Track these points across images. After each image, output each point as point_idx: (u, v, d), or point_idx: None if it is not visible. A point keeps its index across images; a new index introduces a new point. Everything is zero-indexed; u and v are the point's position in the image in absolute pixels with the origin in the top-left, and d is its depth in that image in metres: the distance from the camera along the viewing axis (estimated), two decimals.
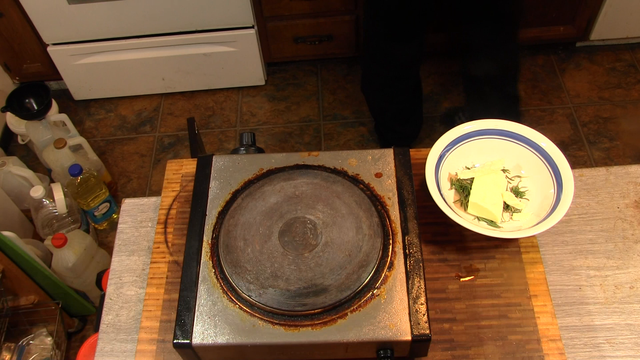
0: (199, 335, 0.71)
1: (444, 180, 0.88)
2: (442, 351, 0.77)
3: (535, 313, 0.79)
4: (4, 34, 2.11)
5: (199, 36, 2.13)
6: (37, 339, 1.63)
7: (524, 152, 0.89)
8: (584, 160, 2.04)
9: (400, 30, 1.60)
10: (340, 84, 2.36)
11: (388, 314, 0.71)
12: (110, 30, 2.10)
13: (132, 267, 0.92)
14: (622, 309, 0.84)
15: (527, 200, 0.87)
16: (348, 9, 2.11)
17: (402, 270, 0.74)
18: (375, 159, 0.86)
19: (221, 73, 2.29)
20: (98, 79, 2.29)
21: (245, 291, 0.73)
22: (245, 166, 0.87)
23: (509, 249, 0.85)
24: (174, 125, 2.29)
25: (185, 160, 0.97)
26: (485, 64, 1.71)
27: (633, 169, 0.98)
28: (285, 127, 2.25)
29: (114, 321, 0.87)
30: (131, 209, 0.98)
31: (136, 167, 2.19)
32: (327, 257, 0.76)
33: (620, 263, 0.88)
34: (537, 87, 2.25)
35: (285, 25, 2.16)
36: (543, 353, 0.76)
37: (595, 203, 0.95)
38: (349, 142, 2.18)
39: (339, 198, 0.81)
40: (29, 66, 2.25)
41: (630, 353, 0.80)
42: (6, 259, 1.46)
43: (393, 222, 0.79)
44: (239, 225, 0.79)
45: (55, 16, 2.01)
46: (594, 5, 2.10)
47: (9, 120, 2.08)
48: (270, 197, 0.82)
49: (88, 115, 2.35)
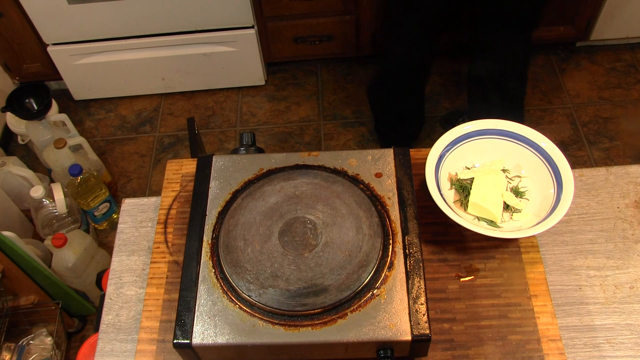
0: (199, 335, 0.71)
1: (444, 180, 0.88)
2: (442, 351, 0.77)
3: (535, 313, 0.79)
4: (4, 34, 2.11)
5: (199, 36, 2.13)
6: (37, 339, 1.63)
7: (524, 152, 0.89)
8: (584, 160, 2.04)
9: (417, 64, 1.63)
10: (340, 84, 2.36)
11: (388, 314, 0.71)
12: (110, 30, 2.10)
13: (132, 267, 0.92)
14: (622, 309, 0.84)
15: (527, 200, 0.87)
16: (348, 9, 2.11)
17: (402, 270, 0.74)
18: (375, 159, 0.86)
19: (221, 73, 2.29)
20: (98, 79, 2.29)
21: (245, 291, 0.73)
22: (245, 166, 0.87)
23: (509, 249, 0.85)
24: (174, 125, 2.29)
25: (185, 160, 0.97)
26: (494, 67, 1.70)
27: (633, 169, 0.98)
28: (285, 127, 2.25)
29: (114, 321, 0.87)
30: (131, 209, 0.98)
31: (136, 167, 2.19)
32: (327, 257, 0.76)
33: (620, 263, 0.88)
34: (537, 87, 2.25)
35: (285, 25, 2.16)
36: (543, 353, 0.76)
37: (595, 203, 0.95)
38: (349, 142, 2.18)
39: (339, 198, 0.81)
40: (29, 66, 2.25)
41: (630, 353, 0.80)
42: (6, 259, 1.46)
43: (393, 222, 0.79)
44: (239, 225, 0.79)
45: (55, 16, 2.01)
46: (594, 5, 2.10)
47: (9, 120, 2.08)
48: (270, 197, 0.82)
49: (88, 115, 2.35)
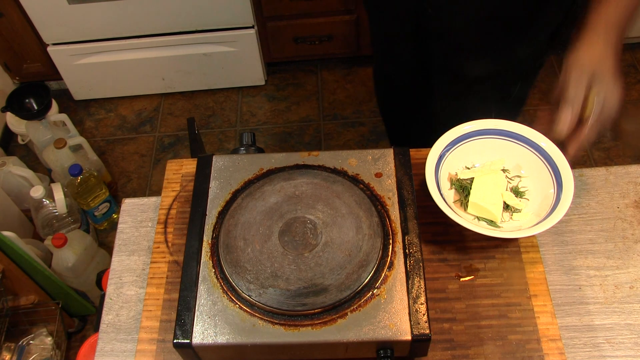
0: (199, 335, 0.71)
1: (444, 180, 0.88)
2: (442, 351, 0.77)
3: (535, 313, 0.79)
4: (4, 34, 2.10)
5: (199, 36, 2.13)
6: (37, 339, 1.63)
7: (524, 152, 0.89)
8: (584, 160, 2.04)
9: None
10: (340, 84, 2.36)
11: (388, 314, 0.71)
12: (110, 30, 2.10)
13: (132, 267, 0.92)
14: (622, 308, 0.84)
15: (527, 200, 0.87)
16: (348, 9, 2.11)
17: (402, 270, 0.75)
18: (375, 159, 0.86)
19: (221, 73, 2.29)
20: (98, 79, 2.29)
21: (245, 291, 0.73)
22: (245, 166, 0.87)
23: (509, 249, 0.85)
24: (174, 125, 2.29)
25: (185, 160, 0.97)
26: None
27: (633, 169, 0.98)
28: (285, 127, 2.25)
29: (114, 321, 0.87)
30: (131, 209, 0.98)
31: (136, 167, 2.19)
32: (327, 257, 0.76)
33: (620, 263, 0.88)
34: (537, 87, 2.25)
35: (285, 25, 2.16)
36: (543, 353, 0.76)
37: (595, 203, 0.95)
38: (349, 142, 2.18)
39: (339, 198, 0.81)
40: (29, 66, 2.25)
41: (630, 353, 0.80)
42: (6, 259, 1.46)
43: (393, 222, 0.79)
44: (239, 225, 0.79)
45: (55, 16, 2.01)
46: None
47: (9, 120, 2.08)
48: (270, 197, 0.82)
49: (88, 115, 2.35)
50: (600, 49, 0.80)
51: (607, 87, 0.79)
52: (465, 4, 1.06)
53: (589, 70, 0.80)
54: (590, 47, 0.81)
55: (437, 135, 0.88)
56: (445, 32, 1.13)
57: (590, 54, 0.81)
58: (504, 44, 1.11)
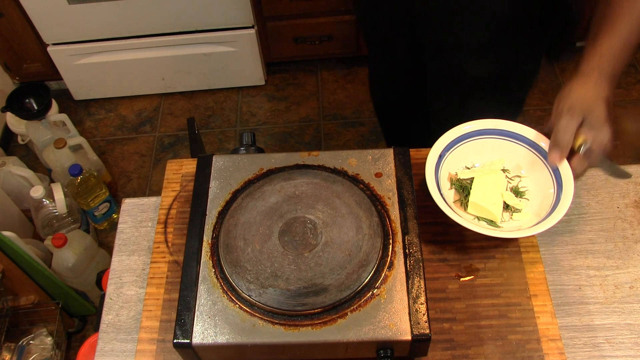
0: (199, 335, 0.71)
1: (444, 180, 0.88)
2: (442, 351, 0.77)
3: (535, 313, 0.79)
4: (4, 34, 2.10)
5: (199, 36, 2.13)
6: (37, 339, 1.63)
7: (524, 152, 0.89)
8: None
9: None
10: (340, 84, 2.36)
11: (388, 314, 0.71)
12: (110, 30, 2.10)
13: (132, 267, 0.92)
14: (622, 308, 0.84)
15: (527, 200, 0.87)
16: (348, 9, 2.11)
17: (402, 270, 0.75)
18: (375, 159, 0.86)
19: (221, 73, 2.29)
20: (98, 79, 2.29)
21: (245, 291, 0.73)
22: (245, 166, 0.87)
23: (509, 249, 0.85)
24: (174, 125, 2.29)
25: (185, 160, 0.97)
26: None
27: (633, 169, 0.98)
28: (285, 127, 2.25)
29: (114, 321, 0.87)
30: (131, 209, 0.98)
31: (136, 167, 2.19)
32: (327, 257, 0.76)
33: (620, 263, 0.88)
34: (537, 87, 2.25)
35: (285, 25, 2.16)
36: (543, 353, 0.76)
37: (595, 203, 0.95)
38: (349, 142, 2.18)
39: (339, 198, 0.81)
40: (29, 66, 2.25)
41: (630, 353, 0.80)
42: (6, 259, 1.46)
43: (393, 222, 0.79)
44: (239, 225, 0.79)
45: (55, 16, 2.01)
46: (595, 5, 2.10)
47: (9, 120, 2.08)
48: (270, 197, 0.82)
49: (88, 115, 2.35)
50: (593, 95, 0.82)
51: (595, 134, 0.81)
52: (460, 15, 1.07)
53: (579, 115, 0.82)
54: (582, 90, 0.83)
55: (436, 135, 0.88)
56: (441, 43, 1.14)
57: (582, 97, 0.83)
58: (500, 49, 1.12)
